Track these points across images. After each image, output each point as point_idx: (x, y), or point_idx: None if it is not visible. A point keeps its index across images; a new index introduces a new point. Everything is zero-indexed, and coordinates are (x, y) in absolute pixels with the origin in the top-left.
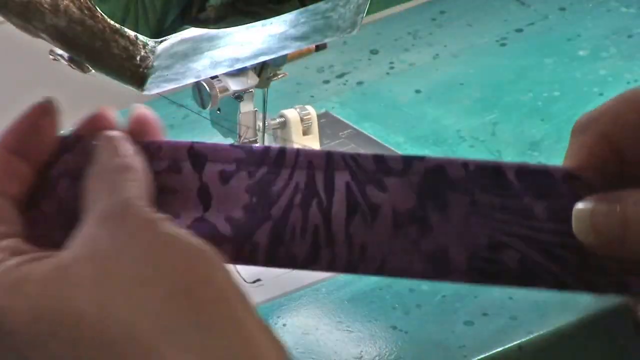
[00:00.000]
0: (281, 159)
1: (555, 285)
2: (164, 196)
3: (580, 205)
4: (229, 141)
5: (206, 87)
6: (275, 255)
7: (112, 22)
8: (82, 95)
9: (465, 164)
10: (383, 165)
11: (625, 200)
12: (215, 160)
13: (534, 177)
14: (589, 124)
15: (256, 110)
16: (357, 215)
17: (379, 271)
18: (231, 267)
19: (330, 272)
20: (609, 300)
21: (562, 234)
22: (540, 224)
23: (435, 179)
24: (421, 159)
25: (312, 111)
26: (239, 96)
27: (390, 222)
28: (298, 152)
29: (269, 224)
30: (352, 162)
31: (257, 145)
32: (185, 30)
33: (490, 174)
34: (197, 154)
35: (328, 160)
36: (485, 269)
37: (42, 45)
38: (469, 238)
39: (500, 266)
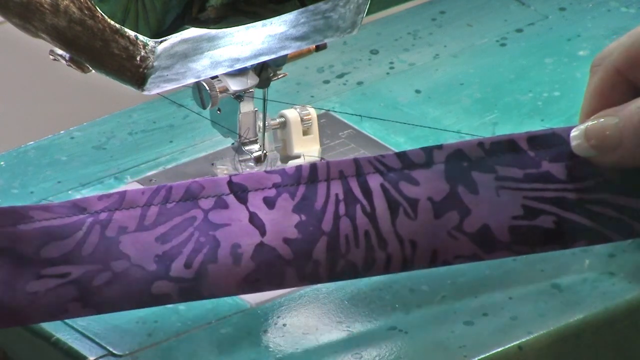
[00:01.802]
0: (314, 175)
1: (595, 239)
2: (221, 230)
3: (575, 129)
4: (229, 141)
5: (206, 87)
6: (336, 268)
7: (112, 22)
8: (82, 95)
9: (480, 143)
10: (407, 161)
11: (621, 109)
12: (255, 189)
13: (544, 141)
14: (603, 59)
15: (256, 110)
16: (400, 212)
17: (433, 263)
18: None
19: (386, 273)
20: (609, 301)
21: (587, 189)
22: (564, 184)
23: (458, 163)
24: (439, 147)
25: (312, 111)
26: (239, 96)
27: (431, 212)
28: (328, 164)
29: (324, 239)
30: (378, 163)
31: (288, 167)
32: (185, 30)
33: (506, 148)
34: (237, 186)
35: (357, 167)
36: (527, 238)
37: (42, 45)
38: (504, 212)
39: (540, 232)
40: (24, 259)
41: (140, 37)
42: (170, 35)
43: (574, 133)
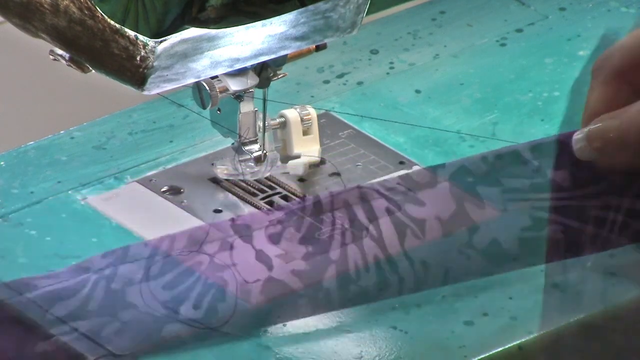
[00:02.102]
0: (318, 207)
1: (603, 246)
2: (228, 270)
3: (578, 132)
4: (229, 141)
5: (206, 87)
6: (348, 295)
7: (112, 22)
8: (82, 95)
9: (484, 157)
10: (411, 183)
11: (624, 112)
12: (259, 227)
13: (547, 149)
14: (604, 62)
15: (256, 110)
16: (408, 234)
17: (445, 281)
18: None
19: (401, 295)
20: (609, 301)
21: (593, 196)
22: (570, 193)
23: (463, 180)
24: (442, 166)
25: (312, 111)
26: (239, 96)
27: (440, 231)
28: (331, 195)
29: (332, 268)
30: (382, 189)
31: (293, 202)
32: (185, 30)
33: (510, 160)
34: (241, 227)
35: (361, 194)
36: (537, 249)
37: (42, 45)
38: (512, 224)
39: (549, 242)
40: (32, 323)
41: (140, 37)
42: (170, 35)
43: (577, 136)
